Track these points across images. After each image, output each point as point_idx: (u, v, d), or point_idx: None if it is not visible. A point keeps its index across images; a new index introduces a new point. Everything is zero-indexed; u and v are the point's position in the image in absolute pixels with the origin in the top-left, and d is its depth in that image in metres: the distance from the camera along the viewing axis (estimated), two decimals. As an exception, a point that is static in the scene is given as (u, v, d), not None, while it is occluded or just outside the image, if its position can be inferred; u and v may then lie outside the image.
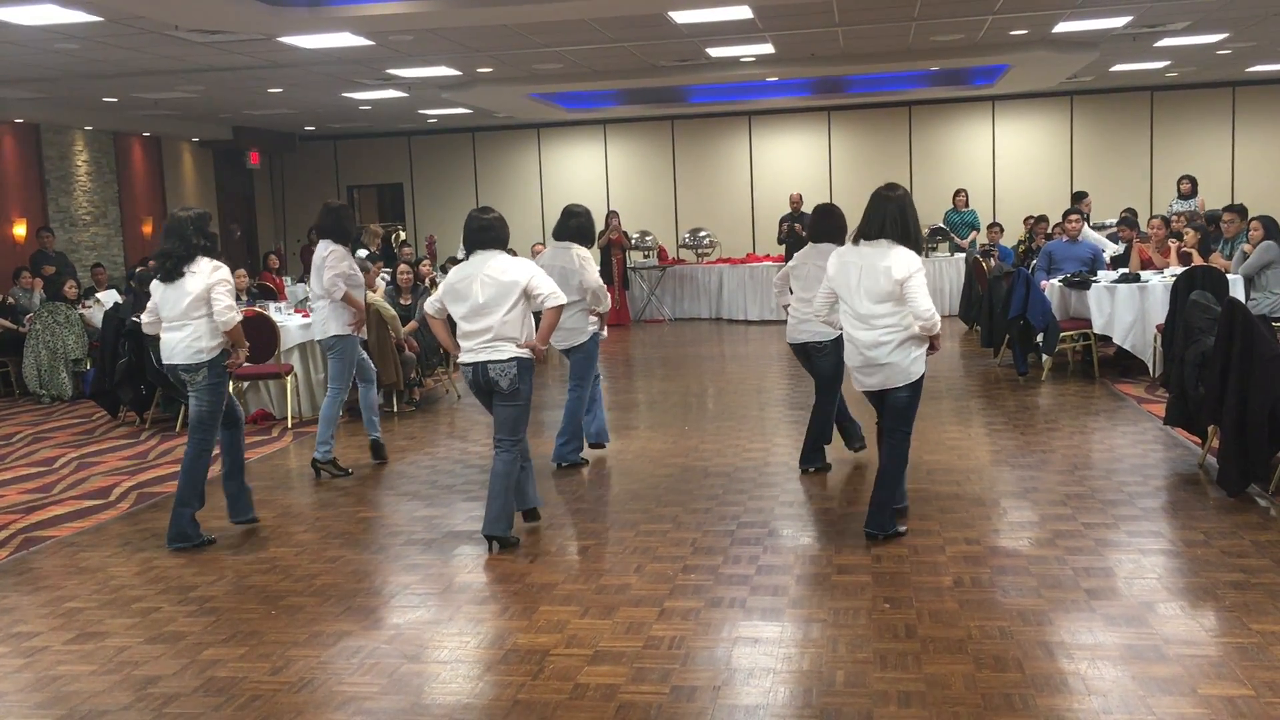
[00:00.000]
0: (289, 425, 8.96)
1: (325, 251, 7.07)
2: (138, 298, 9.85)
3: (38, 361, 10.92)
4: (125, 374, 9.13)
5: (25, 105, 13.73)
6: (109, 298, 12.05)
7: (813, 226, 6.82)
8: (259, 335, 9.07)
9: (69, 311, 11.13)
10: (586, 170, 19.85)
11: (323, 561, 5.42)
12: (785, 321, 6.75)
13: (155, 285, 5.83)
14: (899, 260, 5.20)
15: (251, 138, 18.69)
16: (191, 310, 5.69)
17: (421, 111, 17.04)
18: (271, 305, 10.23)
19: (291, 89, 13.83)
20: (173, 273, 5.73)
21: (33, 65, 11.20)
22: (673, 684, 3.85)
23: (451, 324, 5.68)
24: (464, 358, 5.50)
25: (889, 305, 5.23)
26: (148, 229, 17.35)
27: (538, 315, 5.54)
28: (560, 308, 5.52)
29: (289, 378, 9.12)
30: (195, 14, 8.89)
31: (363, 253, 14.69)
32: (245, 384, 9.29)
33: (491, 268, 5.45)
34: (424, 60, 12.05)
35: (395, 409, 9.52)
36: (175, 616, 4.73)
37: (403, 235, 19.56)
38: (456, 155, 20.27)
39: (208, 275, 5.73)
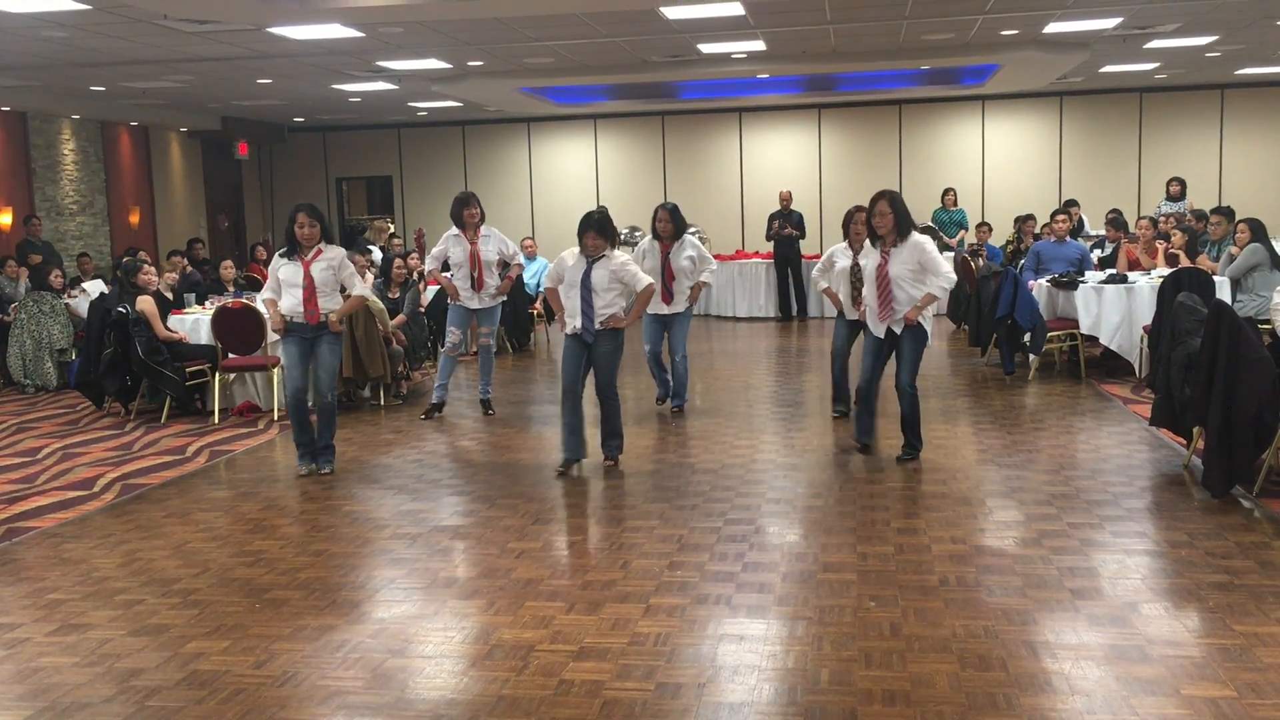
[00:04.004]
0: (275, 417, 8.93)
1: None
2: (123, 288, 9.79)
3: (22, 351, 10.86)
4: (110, 364, 9.07)
5: (12, 93, 13.64)
6: (95, 287, 12.00)
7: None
8: (245, 327, 9.04)
9: (54, 301, 11.07)
10: (577, 165, 19.83)
11: (308, 555, 5.41)
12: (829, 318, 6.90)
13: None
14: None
15: (240, 128, 18.61)
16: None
17: (411, 104, 17.00)
18: (258, 297, 10.16)
19: (281, 80, 13.78)
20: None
21: (20, 53, 11.13)
22: (658, 681, 3.85)
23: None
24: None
25: None
26: (134, 219, 17.27)
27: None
28: None
29: (275, 370, 9.09)
30: (184, 3, 8.83)
31: (375, 254, 14.60)
32: (231, 376, 9.25)
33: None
34: (414, 52, 12.01)
35: (382, 402, 9.50)
36: (158, 609, 4.71)
37: (391, 228, 19.49)
38: (446, 148, 20.23)
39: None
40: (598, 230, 6.75)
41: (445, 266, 8.84)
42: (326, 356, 7.01)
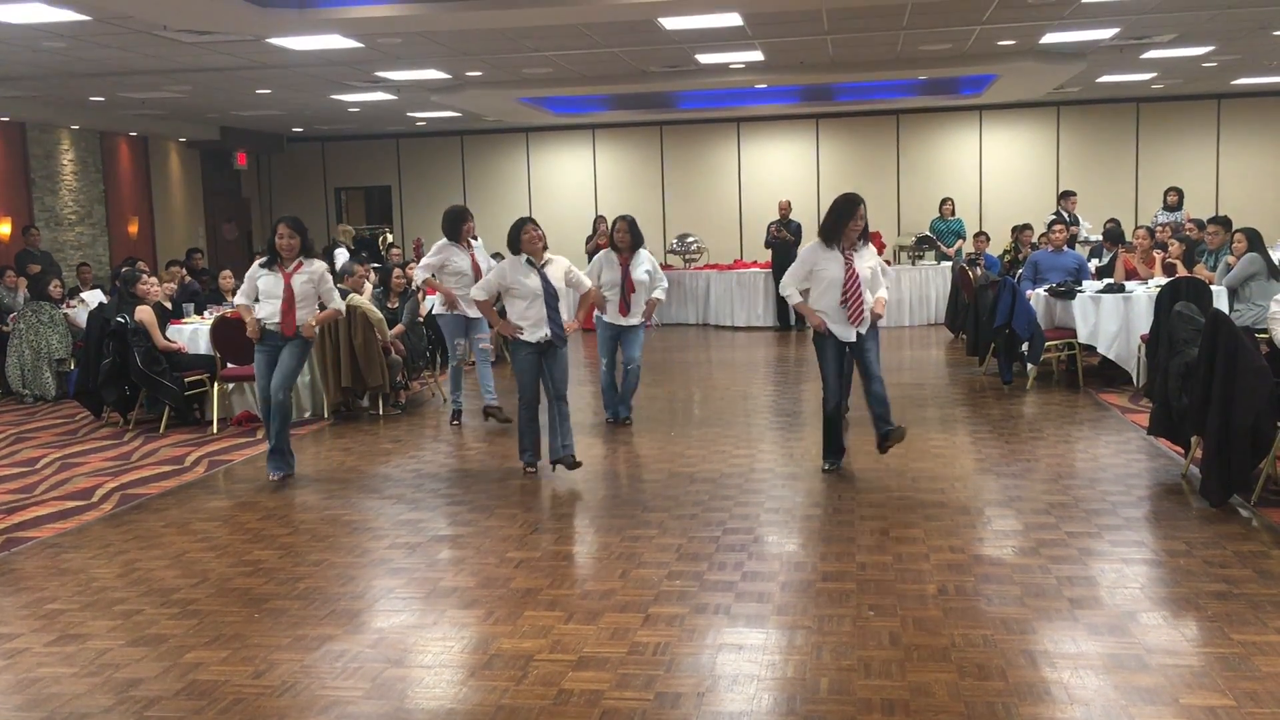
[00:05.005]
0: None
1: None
2: (122, 298, 9.80)
3: (21, 361, 10.86)
4: (109, 374, 9.08)
5: (11, 103, 13.66)
6: (93, 297, 12.00)
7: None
8: (244, 337, 9.03)
9: (53, 311, 11.07)
10: (575, 175, 19.86)
11: (306, 565, 5.41)
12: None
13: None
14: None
15: (239, 138, 18.63)
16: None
17: (410, 114, 17.03)
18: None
19: (280, 90, 13.80)
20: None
21: (20, 63, 11.15)
22: (657, 690, 3.85)
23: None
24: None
25: None
26: (133, 229, 17.28)
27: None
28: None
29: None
30: (184, 14, 8.86)
31: (343, 254, 14.67)
32: (230, 385, 9.26)
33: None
34: (413, 63, 12.04)
35: (380, 412, 9.50)
36: (157, 619, 4.70)
37: (390, 238, 19.52)
38: (445, 158, 20.26)
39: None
40: (535, 225, 7.03)
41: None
42: (287, 359, 7.10)
